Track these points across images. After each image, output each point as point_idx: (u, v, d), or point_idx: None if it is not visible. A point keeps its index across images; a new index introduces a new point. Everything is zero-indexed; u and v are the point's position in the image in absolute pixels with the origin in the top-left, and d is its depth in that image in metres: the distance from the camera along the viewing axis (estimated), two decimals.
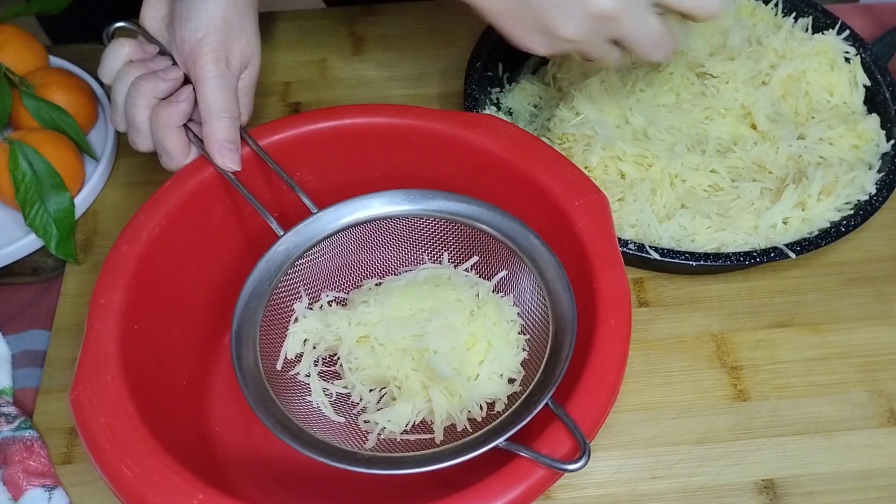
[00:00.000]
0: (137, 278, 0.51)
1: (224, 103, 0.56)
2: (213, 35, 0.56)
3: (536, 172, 0.55)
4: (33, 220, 0.65)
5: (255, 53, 0.59)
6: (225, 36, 0.56)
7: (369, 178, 0.59)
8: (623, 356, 0.47)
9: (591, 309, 0.49)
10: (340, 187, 0.57)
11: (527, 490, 0.42)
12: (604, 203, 0.54)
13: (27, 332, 0.64)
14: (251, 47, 0.58)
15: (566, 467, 0.42)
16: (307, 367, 0.53)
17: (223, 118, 0.56)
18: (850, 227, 0.64)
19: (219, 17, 0.56)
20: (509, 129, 0.57)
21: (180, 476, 0.43)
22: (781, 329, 0.65)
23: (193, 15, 0.56)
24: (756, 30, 0.75)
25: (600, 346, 0.47)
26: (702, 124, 0.70)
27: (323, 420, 0.51)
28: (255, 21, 0.59)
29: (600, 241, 0.52)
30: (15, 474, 0.56)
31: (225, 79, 0.56)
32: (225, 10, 0.56)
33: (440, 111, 0.59)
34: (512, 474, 0.43)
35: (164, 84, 0.57)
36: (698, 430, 0.60)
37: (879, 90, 0.73)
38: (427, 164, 0.58)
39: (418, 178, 0.58)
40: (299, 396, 0.52)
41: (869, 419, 0.60)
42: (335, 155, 0.59)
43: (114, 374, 0.47)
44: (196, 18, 0.56)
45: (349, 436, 0.50)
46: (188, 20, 0.56)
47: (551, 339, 0.49)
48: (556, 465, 0.42)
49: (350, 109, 0.59)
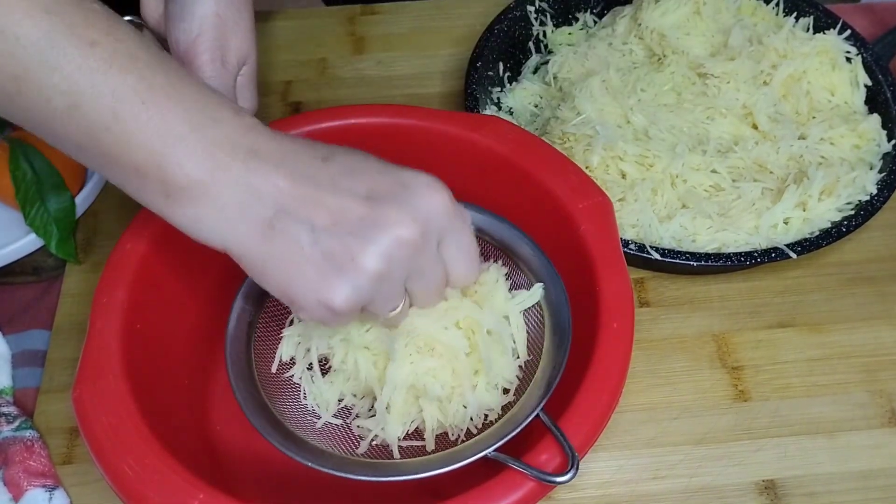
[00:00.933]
0: (140, 277, 0.51)
1: None
2: (208, 34, 0.55)
3: (540, 174, 0.55)
4: (33, 220, 0.65)
5: (252, 48, 0.58)
6: (219, 34, 0.55)
7: None
8: (625, 360, 0.47)
9: (593, 312, 0.49)
10: None
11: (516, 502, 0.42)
12: (607, 206, 0.53)
13: (27, 332, 0.64)
14: (247, 43, 0.57)
15: (554, 479, 0.42)
16: (300, 370, 0.52)
17: None
18: (851, 227, 0.64)
19: (212, 14, 0.55)
20: (514, 131, 0.57)
21: (181, 476, 0.43)
22: (782, 329, 0.65)
23: (186, 15, 0.55)
24: (757, 29, 0.75)
25: (603, 351, 0.47)
26: (703, 124, 0.70)
27: (315, 424, 0.51)
28: (251, 15, 0.58)
29: (603, 244, 0.52)
30: (16, 474, 0.56)
31: (222, 78, 0.56)
32: (217, 7, 0.55)
33: (445, 112, 0.59)
34: (502, 485, 0.42)
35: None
36: (699, 431, 0.59)
37: (881, 90, 0.73)
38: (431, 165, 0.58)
39: None
40: (293, 399, 0.52)
41: (870, 419, 0.60)
42: None
43: (116, 374, 0.47)
44: (189, 19, 0.55)
45: (342, 440, 0.50)
46: (181, 20, 0.55)
47: (545, 349, 0.49)
48: (544, 476, 0.42)
49: (354, 109, 0.59)
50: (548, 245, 0.53)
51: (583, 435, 0.44)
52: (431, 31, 0.86)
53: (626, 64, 0.75)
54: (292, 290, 0.42)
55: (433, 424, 0.48)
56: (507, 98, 0.77)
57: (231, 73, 0.56)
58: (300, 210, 0.41)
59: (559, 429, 0.44)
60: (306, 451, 0.46)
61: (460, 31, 0.85)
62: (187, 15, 0.55)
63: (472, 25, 0.85)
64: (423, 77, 0.82)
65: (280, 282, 0.42)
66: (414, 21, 0.87)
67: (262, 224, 0.41)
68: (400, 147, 0.58)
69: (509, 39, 0.78)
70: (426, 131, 0.58)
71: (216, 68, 0.55)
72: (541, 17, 0.81)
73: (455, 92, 0.80)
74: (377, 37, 0.85)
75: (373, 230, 0.41)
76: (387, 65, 0.83)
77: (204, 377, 0.59)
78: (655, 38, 0.75)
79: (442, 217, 0.43)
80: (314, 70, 0.82)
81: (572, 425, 0.44)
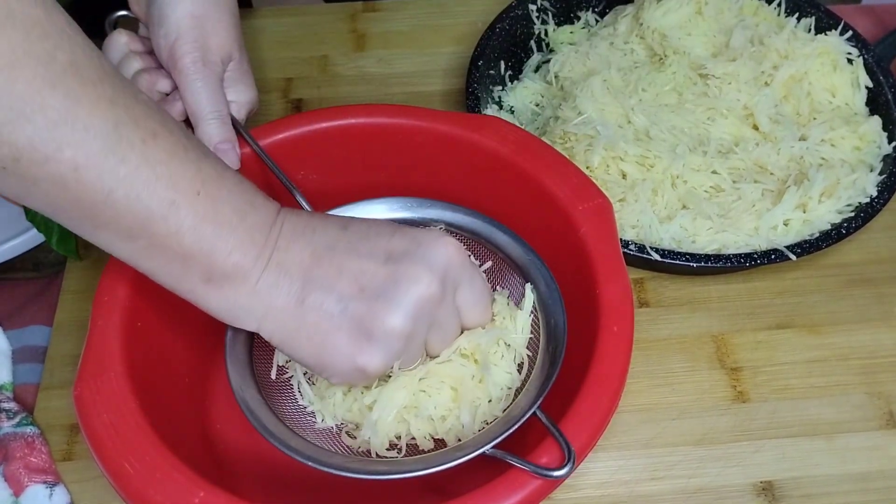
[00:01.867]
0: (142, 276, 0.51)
1: (211, 105, 0.56)
2: (186, 35, 0.55)
3: (541, 175, 0.55)
4: (34, 216, 0.65)
5: (235, 44, 0.58)
6: (198, 34, 0.55)
7: (372, 179, 0.58)
8: (625, 363, 0.47)
9: (593, 315, 0.49)
10: (343, 187, 0.57)
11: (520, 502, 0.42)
12: (608, 208, 0.53)
13: (28, 328, 0.64)
14: (229, 40, 0.57)
15: (550, 474, 0.42)
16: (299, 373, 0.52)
17: (212, 120, 0.55)
18: (850, 229, 0.64)
19: (187, 16, 0.55)
20: (514, 132, 0.57)
21: (182, 474, 0.43)
22: (781, 330, 0.65)
23: (164, 20, 0.55)
24: (759, 30, 0.75)
25: (602, 353, 0.47)
26: (704, 125, 0.70)
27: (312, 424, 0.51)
28: (232, 10, 0.58)
29: (603, 246, 0.51)
30: (16, 471, 0.56)
31: (207, 80, 0.56)
32: (192, 8, 0.55)
33: (446, 112, 0.59)
34: (505, 485, 0.42)
35: (166, 80, 0.57)
36: (698, 432, 0.60)
37: (882, 92, 0.73)
38: (431, 165, 0.58)
39: (422, 178, 0.58)
40: (291, 399, 0.52)
41: (868, 421, 0.60)
42: (339, 155, 0.59)
43: (117, 371, 0.47)
44: (166, 24, 0.55)
45: (339, 440, 0.50)
46: (159, 26, 0.55)
47: (541, 351, 0.49)
48: (540, 471, 0.42)
49: (355, 109, 0.59)
50: (547, 247, 0.53)
51: (582, 440, 0.44)
52: (433, 28, 0.86)
53: (628, 63, 0.75)
54: (326, 359, 0.44)
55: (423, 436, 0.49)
56: (509, 97, 0.77)
57: (215, 71, 0.56)
58: (325, 280, 0.43)
59: (555, 425, 0.44)
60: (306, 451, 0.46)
61: (462, 29, 0.85)
62: (164, 19, 0.55)
63: (473, 23, 0.85)
64: (424, 75, 0.82)
65: (313, 353, 0.44)
66: (415, 19, 0.87)
67: (293, 299, 0.43)
68: (401, 147, 0.58)
69: (511, 38, 0.78)
70: (427, 132, 0.58)
71: (199, 69, 0.55)
72: (542, 16, 0.81)
73: (456, 90, 0.80)
74: (378, 34, 0.85)
75: (396, 290, 0.44)
76: (388, 62, 0.83)
77: (205, 375, 0.59)
78: (657, 38, 0.75)
79: (456, 267, 0.46)
80: (315, 67, 0.82)
81: (571, 428, 0.44)
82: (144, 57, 0.59)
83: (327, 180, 0.59)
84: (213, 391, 0.59)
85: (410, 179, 0.58)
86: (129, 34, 0.59)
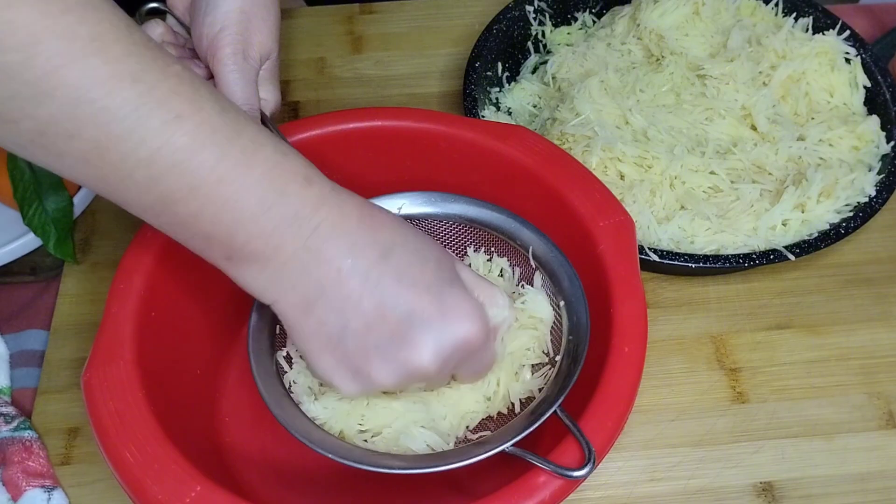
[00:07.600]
0: (159, 264, 0.51)
1: (244, 97, 0.56)
2: (231, 28, 0.55)
3: (563, 189, 0.55)
4: (31, 220, 0.65)
5: (275, 44, 0.58)
6: (243, 28, 0.56)
7: (396, 181, 0.58)
8: (634, 385, 0.46)
9: (605, 334, 0.48)
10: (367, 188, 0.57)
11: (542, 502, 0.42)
12: (629, 226, 0.53)
13: (25, 332, 0.64)
14: (271, 38, 0.58)
15: (570, 473, 0.42)
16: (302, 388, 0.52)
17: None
18: (849, 229, 0.64)
19: (236, 9, 0.55)
20: (540, 143, 0.57)
21: (181, 466, 0.43)
22: (780, 331, 0.65)
23: (211, 9, 0.55)
24: (756, 30, 0.75)
25: (612, 374, 0.47)
26: (702, 125, 0.70)
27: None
28: (276, 11, 0.58)
29: (622, 265, 0.51)
30: (14, 475, 0.56)
31: (244, 72, 0.56)
32: (242, 3, 0.56)
33: (473, 119, 0.59)
34: (527, 484, 0.43)
35: (200, 71, 0.57)
36: (697, 432, 0.60)
37: (880, 91, 0.73)
38: (454, 171, 0.58)
39: (445, 183, 0.57)
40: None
41: (867, 421, 0.60)
42: (364, 156, 0.59)
43: (127, 360, 0.47)
44: (213, 12, 0.55)
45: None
46: (206, 14, 0.56)
47: (564, 349, 0.49)
48: (560, 470, 0.42)
49: (382, 112, 0.59)
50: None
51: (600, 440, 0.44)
52: (430, 30, 0.86)
53: (625, 64, 0.75)
54: (310, 359, 0.45)
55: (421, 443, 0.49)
56: (506, 98, 0.77)
57: (253, 67, 0.57)
58: (339, 303, 0.43)
59: (576, 424, 0.44)
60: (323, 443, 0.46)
61: (459, 30, 0.85)
62: (212, 9, 0.55)
63: (470, 25, 0.85)
64: (421, 77, 0.82)
65: (301, 348, 0.45)
66: (412, 20, 0.86)
67: (305, 300, 0.43)
68: (425, 152, 0.58)
69: (508, 39, 0.78)
70: (452, 138, 0.58)
71: (238, 61, 0.56)
72: (539, 17, 0.81)
73: (453, 92, 0.80)
74: (376, 36, 0.85)
75: (396, 353, 0.43)
76: (385, 64, 0.83)
77: (217, 367, 0.59)
78: (654, 39, 0.75)
79: (465, 352, 0.45)
80: (312, 69, 0.82)
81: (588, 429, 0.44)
82: (178, 49, 0.59)
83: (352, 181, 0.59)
84: (224, 383, 0.59)
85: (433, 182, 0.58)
86: (166, 25, 0.60)
